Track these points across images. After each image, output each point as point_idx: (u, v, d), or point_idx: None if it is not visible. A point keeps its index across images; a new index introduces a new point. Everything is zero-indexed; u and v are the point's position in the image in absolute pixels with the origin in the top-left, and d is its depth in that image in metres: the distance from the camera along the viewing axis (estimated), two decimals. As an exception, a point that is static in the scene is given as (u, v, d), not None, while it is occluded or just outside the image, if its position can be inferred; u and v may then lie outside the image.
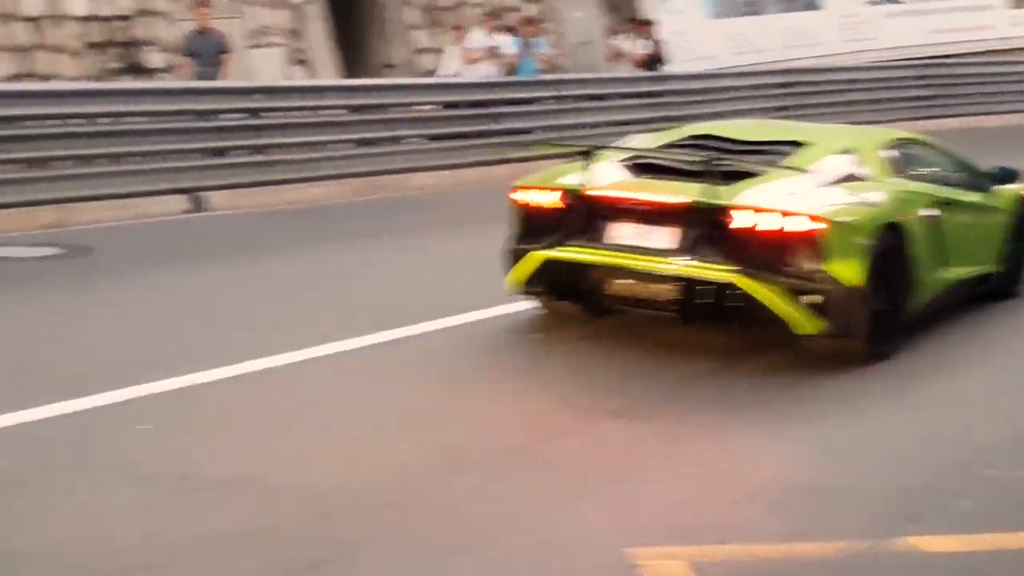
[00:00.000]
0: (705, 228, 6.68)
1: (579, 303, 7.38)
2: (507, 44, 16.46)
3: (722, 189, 6.70)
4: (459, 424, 5.74)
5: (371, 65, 17.33)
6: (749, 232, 6.59)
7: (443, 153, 15.13)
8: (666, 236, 6.76)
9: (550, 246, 7.02)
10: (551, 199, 7.18)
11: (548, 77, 17.74)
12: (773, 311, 6.55)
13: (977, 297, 8.16)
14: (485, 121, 15.78)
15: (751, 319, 6.69)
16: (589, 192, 7.02)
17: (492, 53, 16.05)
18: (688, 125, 8.78)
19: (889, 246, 6.88)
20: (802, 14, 23.07)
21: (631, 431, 5.68)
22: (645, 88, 18.21)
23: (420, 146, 15.07)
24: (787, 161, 7.17)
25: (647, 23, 19.02)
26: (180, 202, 12.40)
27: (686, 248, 6.70)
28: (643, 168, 7.23)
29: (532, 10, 18.93)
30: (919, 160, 8.07)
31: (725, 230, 6.62)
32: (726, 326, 6.91)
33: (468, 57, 16.33)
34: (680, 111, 18.22)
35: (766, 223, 6.56)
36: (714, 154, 7.17)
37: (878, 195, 7.13)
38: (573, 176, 7.22)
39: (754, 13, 22.44)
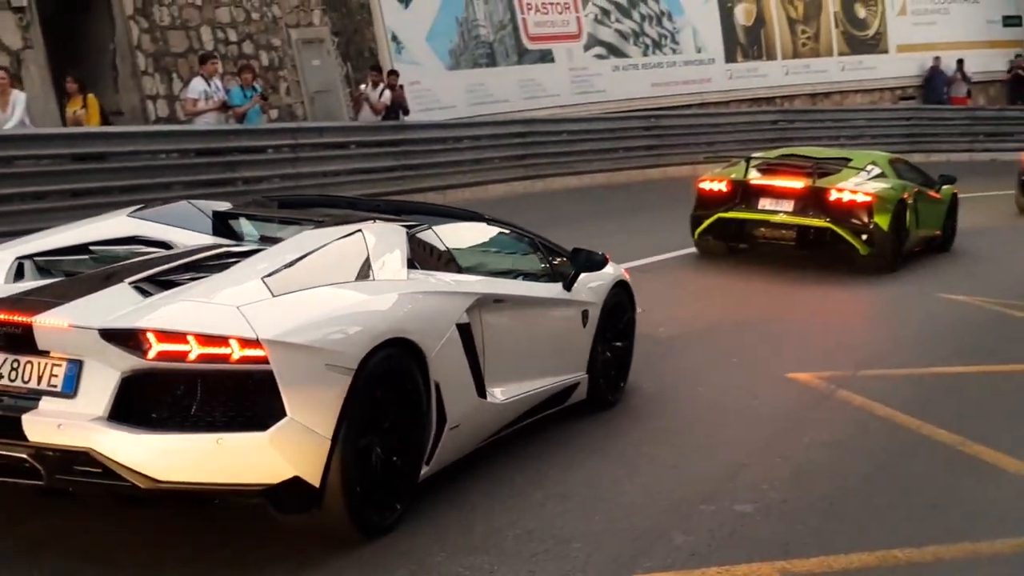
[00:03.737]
0: (811, 200, 12.49)
1: (728, 243, 13.29)
2: (234, 93, 16.21)
3: (820, 180, 12.60)
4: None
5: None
6: (836, 202, 12.44)
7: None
8: (790, 204, 12.59)
9: (725, 210, 12.83)
10: (721, 186, 12.97)
11: (286, 125, 17.70)
12: (848, 241, 12.42)
13: (927, 249, 14.02)
14: (220, 169, 15.56)
15: (835, 247, 12.50)
16: (749, 181, 12.84)
17: (215, 101, 15.77)
18: (781, 148, 15.82)
19: (901, 210, 12.73)
20: (536, 66, 23.75)
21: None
22: (386, 137, 18.38)
23: (151, 196, 14.69)
24: (849, 166, 13.15)
25: (393, 72, 19.22)
26: None
27: (800, 211, 12.54)
28: (766, 170, 13.06)
29: (265, 59, 18.82)
30: (906, 168, 14.12)
31: (824, 201, 12.45)
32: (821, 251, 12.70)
33: (188, 108, 15.95)
34: (422, 159, 18.53)
35: (845, 197, 12.44)
36: (809, 162, 12.99)
37: (893, 184, 13.02)
38: (733, 173, 13.15)
39: (491, 65, 22.96)
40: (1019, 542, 5.33)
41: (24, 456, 4.31)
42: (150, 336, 4.30)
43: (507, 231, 6.75)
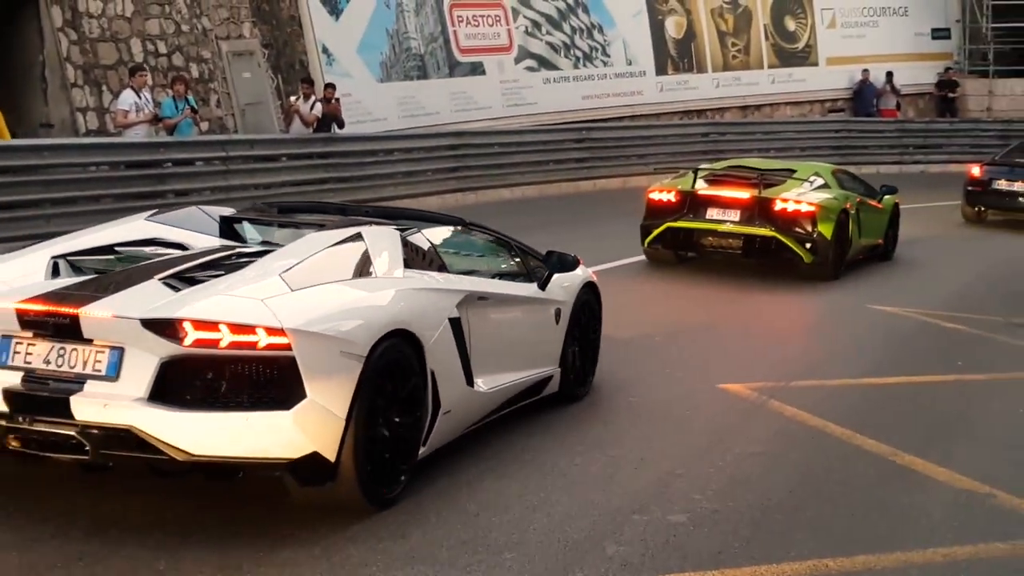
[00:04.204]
0: (757, 210, 12.83)
1: (677, 252, 13.53)
2: (166, 104, 16.04)
3: (765, 191, 12.92)
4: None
5: (28, 124, 16.59)
6: (781, 212, 12.78)
7: (108, 215, 14.57)
8: (736, 214, 12.89)
9: (674, 220, 13.11)
10: (670, 196, 13.27)
11: (216, 137, 17.52)
12: (793, 250, 12.74)
13: (870, 258, 14.49)
14: (151, 182, 15.40)
15: (779, 255, 12.82)
16: (696, 191, 13.15)
17: (146, 114, 15.58)
18: (728, 159, 16.12)
19: (844, 219, 13.18)
20: (468, 79, 23.76)
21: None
22: (318, 149, 18.29)
23: (80, 208, 14.52)
24: (793, 177, 13.51)
25: (329, 86, 19.12)
26: None
27: (746, 221, 12.84)
28: (713, 181, 13.41)
29: (195, 71, 18.66)
30: (848, 179, 14.60)
31: (769, 211, 12.80)
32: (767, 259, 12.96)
33: (119, 120, 15.73)
34: (353, 171, 18.47)
35: (789, 207, 12.78)
36: (755, 174, 13.39)
37: (836, 194, 13.43)
38: (681, 184, 13.48)
39: (422, 77, 22.94)
40: (950, 551, 5.39)
41: (72, 433, 4.81)
42: (187, 325, 4.79)
43: (486, 234, 7.26)
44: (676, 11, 27.99)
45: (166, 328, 4.81)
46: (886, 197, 15.09)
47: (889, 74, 30.16)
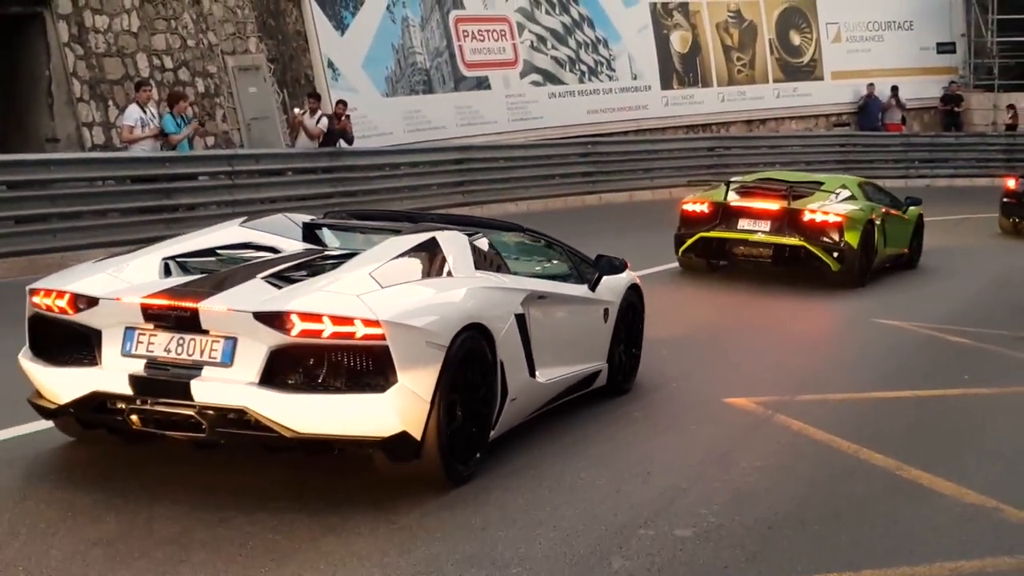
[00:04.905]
0: (786, 221, 13.43)
1: (709, 260, 14.18)
2: (167, 121, 16.04)
3: (795, 202, 13.53)
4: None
5: (34, 139, 16.63)
6: (810, 222, 13.37)
7: (114, 229, 14.67)
8: (767, 224, 13.49)
9: (707, 230, 13.74)
10: (703, 207, 13.94)
11: (222, 152, 17.56)
12: (821, 259, 13.30)
13: (895, 266, 15.04)
14: (157, 196, 15.44)
15: (808, 264, 13.40)
16: (729, 202, 13.76)
17: (151, 129, 15.59)
18: (758, 171, 16.81)
19: (870, 229, 13.73)
20: (473, 93, 23.80)
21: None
22: (323, 163, 18.32)
23: (88, 222, 14.58)
24: (822, 189, 14.09)
25: (341, 103, 19.15)
26: None
27: (776, 231, 13.43)
28: (744, 192, 14.03)
29: (201, 86, 18.71)
30: (874, 191, 15.23)
31: (798, 221, 13.39)
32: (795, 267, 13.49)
33: (125, 135, 15.73)
34: (359, 186, 18.50)
35: (818, 217, 13.37)
36: (784, 186, 13.96)
37: (862, 206, 14.02)
38: (713, 195, 14.11)
39: (427, 92, 22.98)
40: (956, 565, 5.38)
41: (191, 414, 5.45)
42: (294, 318, 5.39)
43: (541, 239, 7.91)
44: (681, 26, 28.05)
45: (275, 320, 5.41)
46: (911, 208, 15.63)
47: (894, 88, 30.17)
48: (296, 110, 18.88)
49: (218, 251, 6.65)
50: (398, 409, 5.52)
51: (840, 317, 12.17)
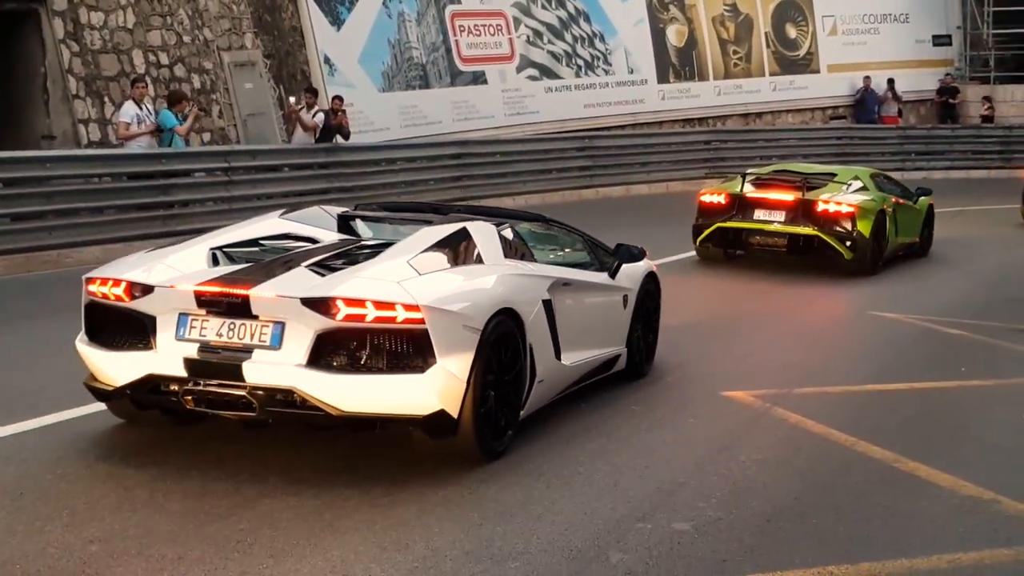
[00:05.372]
0: (800, 211, 13.84)
1: (726, 250, 14.64)
2: (165, 115, 15.98)
3: (808, 193, 13.93)
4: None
5: (30, 136, 16.61)
6: (823, 212, 13.80)
7: (109, 227, 14.66)
8: (782, 215, 13.93)
9: (724, 220, 14.16)
10: (719, 198, 14.37)
11: (218, 148, 17.55)
12: (834, 248, 13.72)
13: (908, 254, 15.44)
14: (153, 193, 15.42)
15: (822, 253, 13.83)
16: (745, 194, 14.21)
17: (147, 125, 15.54)
18: (773, 163, 17.28)
19: (881, 219, 14.14)
20: (470, 88, 23.78)
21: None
22: (320, 159, 18.30)
23: (84, 220, 14.56)
24: (835, 181, 14.55)
25: (337, 98, 19.13)
26: None
27: (791, 221, 13.87)
28: (760, 184, 14.41)
29: (197, 82, 18.69)
30: (886, 182, 15.67)
31: (812, 212, 13.81)
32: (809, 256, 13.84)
33: (121, 132, 15.65)
34: (356, 181, 18.46)
35: (831, 207, 13.79)
36: (799, 177, 14.37)
37: (874, 196, 14.39)
38: (730, 187, 14.55)
39: (424, 87, 22.96)
40: (954, 557, 5.38)
41: (243, 394, 5.78)
42: (339, 303, 5.73)
43: (562, 229, 8.22)
44: (677, 19, 28.03)
45: (322, 305, 5.74)
46: (921, 198, 16.08)
47: (891, 81, 30.17)
48: (291, 99, 18.79)
49: (260, 241, 7.00)
50: (436, 389, 5.83)
51: (842, 308, 12.22)
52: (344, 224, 7.62)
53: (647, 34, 27.36)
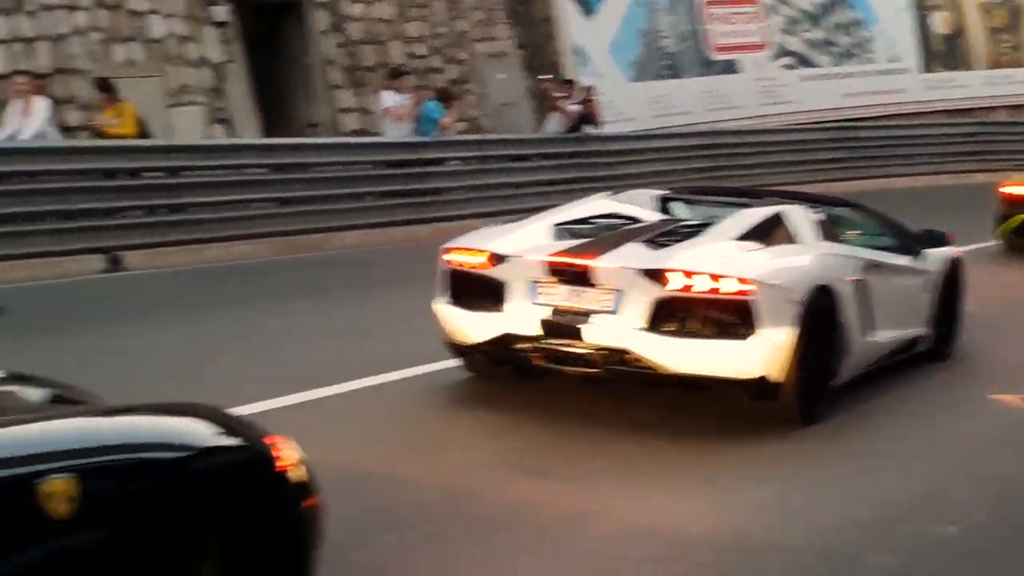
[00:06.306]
0: None
1: None
2: (432, 107, 16.32)
3: None
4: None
5: (295, 124, 17.30)
6: None
7: (368, 212, 15.11)
8: None
9: None
10: (1022, 190, 14.02)
11: (471, 137, 17.84)
12: None
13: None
14: (409, 180, 15.79)
15: None
16: None
17: (406, 114, 15.88)
18: None
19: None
20: (721, 77, 23.44)
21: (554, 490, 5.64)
22: (568, 149, 18.37)
23: (345, 205, 15.04)
24: None
25: (589, 87, 19.19)
26: (97, 261, 12.22)
27: None
28: None
29: (451, 72, 19.03)
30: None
31: None
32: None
33: (395, 113, 15.98)
34: (605, 171, 18.43)
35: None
36: None
37: None
38: None
39: (674, 76, 22.76)
40: None
41: (587, 352, 6.43)
42: (676, 275, 6.29)
43: (868, 214, 8.56)
44: (943, 6, 26.94)
45: (659, 275, 6.31)
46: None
47: None
48: (549, 82, 18.77)
49: (592, 219, 7.53)
50: (759, 355, 6.30)
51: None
52: (663, 205, 8.11)
53: (910, 21, 26.38)
